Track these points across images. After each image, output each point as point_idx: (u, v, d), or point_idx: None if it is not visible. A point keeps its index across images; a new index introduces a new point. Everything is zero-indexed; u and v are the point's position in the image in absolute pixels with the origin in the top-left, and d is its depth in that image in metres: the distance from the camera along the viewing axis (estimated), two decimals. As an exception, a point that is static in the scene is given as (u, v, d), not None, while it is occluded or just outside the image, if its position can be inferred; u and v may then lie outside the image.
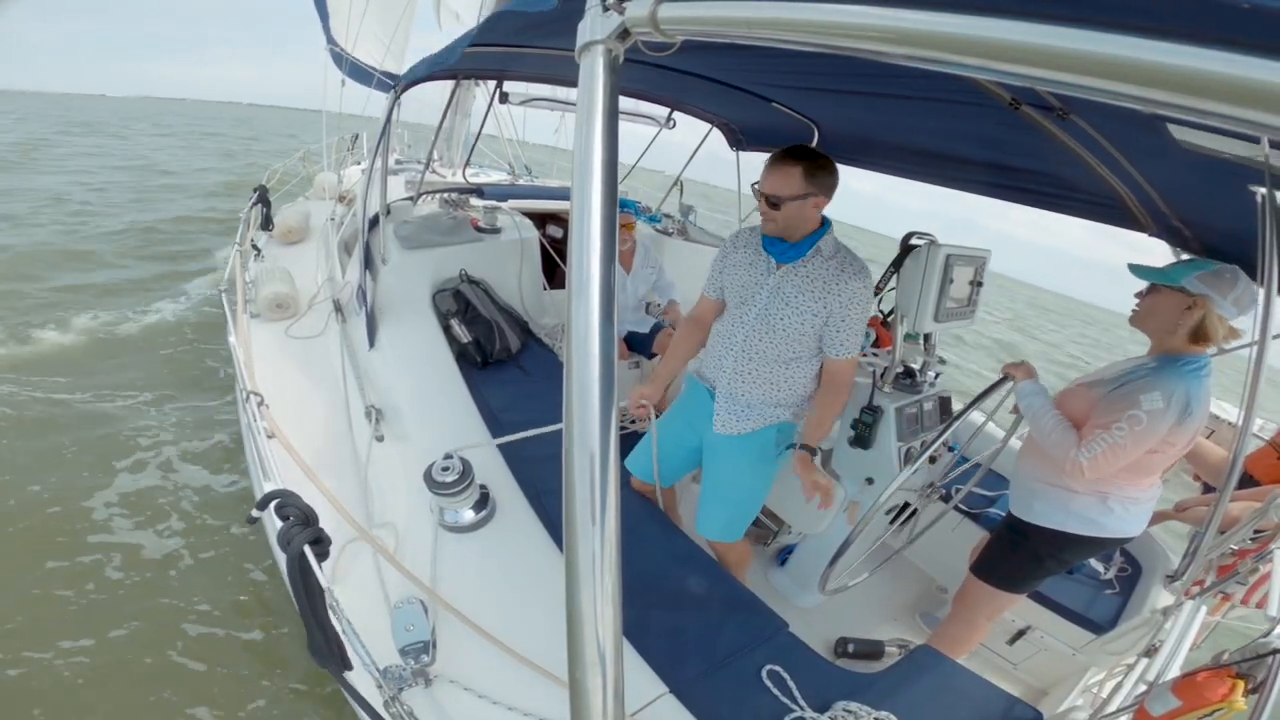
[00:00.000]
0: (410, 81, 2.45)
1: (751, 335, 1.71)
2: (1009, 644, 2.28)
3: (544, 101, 4.28)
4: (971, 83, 1.41)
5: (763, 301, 1.69)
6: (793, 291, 1.64)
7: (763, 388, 1.75)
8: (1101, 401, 1.60)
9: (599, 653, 0.63)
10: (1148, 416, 1.48)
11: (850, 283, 1.60)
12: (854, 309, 1.62)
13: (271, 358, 2.53)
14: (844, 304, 1.61)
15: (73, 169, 13.39)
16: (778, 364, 1.72)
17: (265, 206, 4.27)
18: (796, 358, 1.71)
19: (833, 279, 1.60)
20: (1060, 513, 1.73)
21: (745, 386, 1.76)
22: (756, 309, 1.70)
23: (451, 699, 1.26)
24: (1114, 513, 1.68)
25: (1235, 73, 0.34)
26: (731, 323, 1.77)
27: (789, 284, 1.65)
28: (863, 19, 0.50)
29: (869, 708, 1.31)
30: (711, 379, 1.84)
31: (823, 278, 1.61)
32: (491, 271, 2.93)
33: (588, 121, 0.68)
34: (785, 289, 1.65)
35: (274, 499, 1.30)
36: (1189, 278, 1.50)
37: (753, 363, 1.73)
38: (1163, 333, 1.58)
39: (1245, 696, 1.07)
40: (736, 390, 1.77)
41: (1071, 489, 1.70)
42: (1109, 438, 1.51)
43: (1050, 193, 2.13)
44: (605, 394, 0.65)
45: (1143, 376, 1.55)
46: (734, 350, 1.75)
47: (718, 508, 1.91)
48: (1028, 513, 1.80)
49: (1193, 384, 1.49)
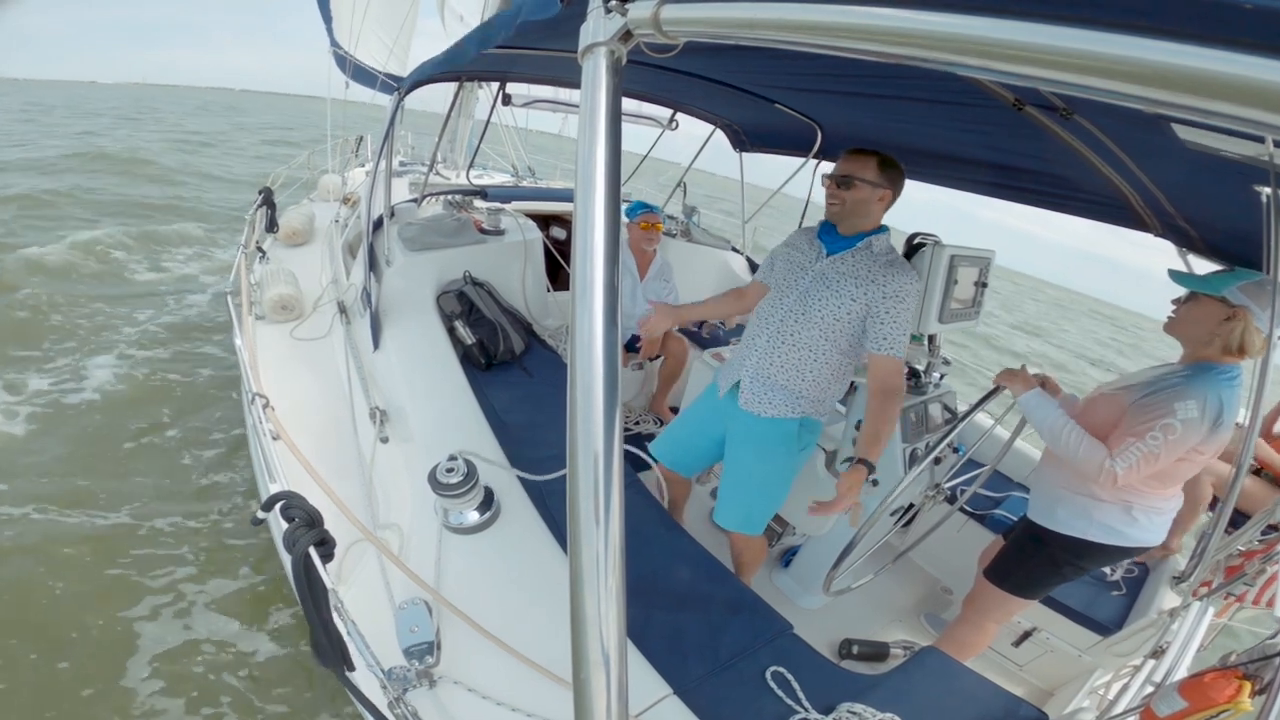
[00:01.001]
0: (414, 83, 2.46)
1: (789, 316, 1.74)
2: (1015, 645, 2.27)
3: (547, 103, 4.30)
4: (974, 83, 1.41)
5: (805, 284, 1.72)
6: (836, 277, 1.67)
7: (789, 373, 1.76)
8: (1132, 407, 1.57)
9: (603, 653, 0.63)
10: (1182, 426, 1.46)
11: (897, 278, 1.62)
12: (899, 304, 1.62)
13: (276, 359, 2.54)
14: (887, 297, 1.62)
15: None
16: (808, 350, 1.73)
17: (270, 208, 4.28)
18: (828, 349, 1.72)
19: (879, 273, 1.63)
20: (1083, 521, 1.70)
21: (773, 369, 1.78)
22: (798, 291, 1.73)
23: (455, 700, 1.26)
24: (1138, 522, 1.66)
25: (1239, 72, 0.34)
26: (771, 304, 1.81)
27: (834, 270, 1.68)
28: (865, 20, 0.50)
29: (874, 710, 1.30)
30: (740, 362, 1.87)
31: (869, 270, 1.64)
32: (495, 273, 2.94)
33: (591, 123, 0.68)
34: (830, 275, 1.68)
35: (279, 501, 1.31)
36: (1230, 288, 1.48)
37: (785, 345, 1.75)
38: (1198, 342, 1.56)
39: (1252, 697, 1.06)
40: (764, 369, 1.79)
41: (1097, 497, 1.67)
42: (1143, 446, 1.49)
43: (1054, 193, 2.12)
44: (609, 395, 0.65)
45: (1176, 385, 1.53)
46: (769, 329, 1.78)
47: (738, 495, 1.92)
48: (1049, 520, 1.77)
49: (1226, 393, 1.48)
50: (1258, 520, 1.78)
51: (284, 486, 1.43)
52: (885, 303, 1.62)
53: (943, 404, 2.19)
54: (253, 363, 2.26)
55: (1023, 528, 1.91)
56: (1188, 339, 1.59)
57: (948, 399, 2.22)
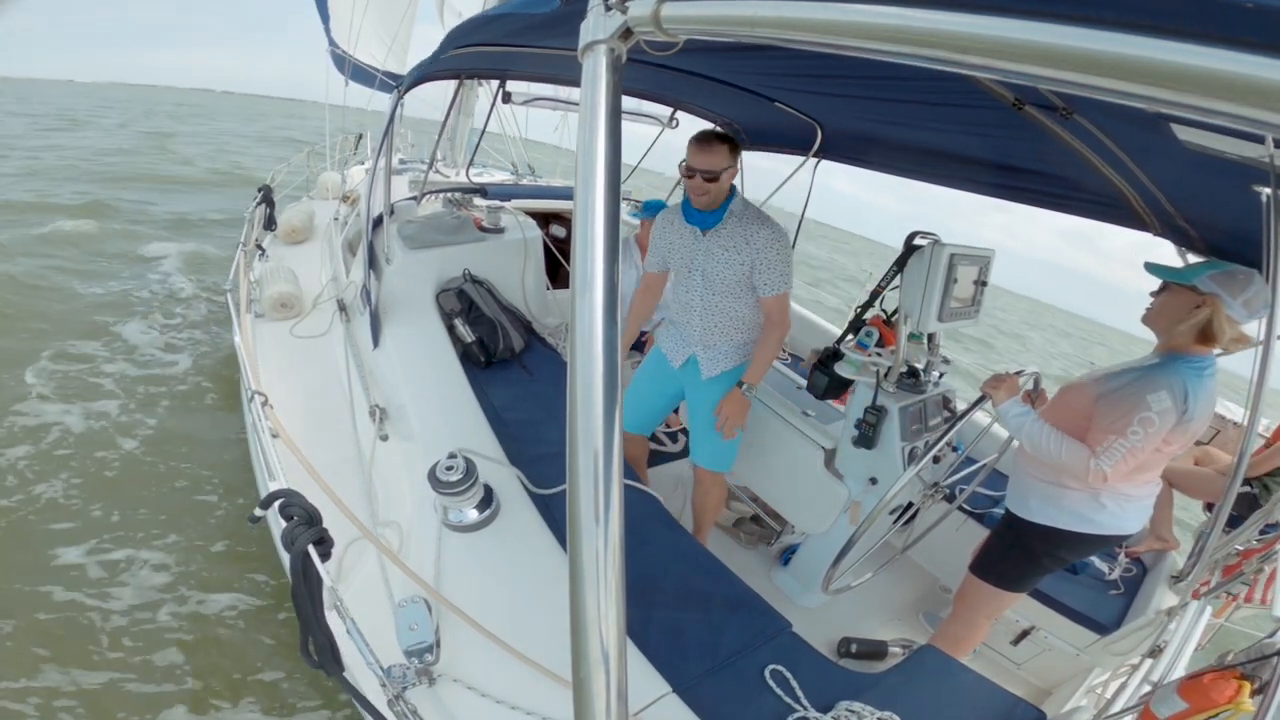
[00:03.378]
0: (413, 81, 2.46)
1: (705, 295, 2.02)
2: (1013, 644, 2.27)
3: (547, 101, 4.29)
4: (975, 83, 1.41)
5: (700, 265, 2.00)
6: (718, 250, 1.95)
7: (728, 332, 2.07)
8: (1101, 400, 1.59)
9: (602, 652, 0.63)
10: (1159, 417, 1.48)
11: (760, 231, 1.90)
12: (770, 251, 1.90)
13: (276, 357, 2.54)
14: (759, 249, 1.89)
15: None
16: (728, 313, 2.03)
17: (269, 206, 4.27)
18: (740, 305, 2.02)
19: (749, 232, 1.91)
20: (1053, 509, 1.73)
21: (714, 336, 2.08)
22: (699, 273, 2.01)
23: (455, 698, 1.26)
24: (1106, 509, 1.68)
25: (1239, 71, 0.34)
26: (685, 290, 2.08)
27: (716, 245, 1.95)
28: (866, 18, 0.50)
29: (872, 708, 1.31)
30: (683, 339, 2.16)
31: (741, 233, 1.91)
32: (495, 271, 2.94)
33: (591, 121, 0.68)
34: (713, 249, 1.95)
35: (278, 499, 1.30)
36: (1201, 276, 1.50)
37: (713, 316, 2.04)
38: (1169, 330, 1.58)
39: (1251, 698, 1.06)
40: (709, 340, 2.09)
41: (1064, 485, 1.70)
42: (1126, 443, 1.50)
43: (1054, 192, 2.12)
44: (608, 393, 0.65)
45: (1144, 375, 1.55)
46: (696, 311, 2.07)
47: (708, 436, 2.19)
48: (1024, 509, 1.80)
49: (1192, 381, 1.49)
50: (1256, 519, 1.79)
51: (283, 484, 1.43)
52: (762, 255, 1.90)
53: (942, 403, 2.19)
54: (252, 361, 2.25)
55: (1003, 520, 1.93)
56: (1161, 329, 1.61)
57: (947, 397, 2.23)
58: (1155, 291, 1.63)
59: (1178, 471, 2.46)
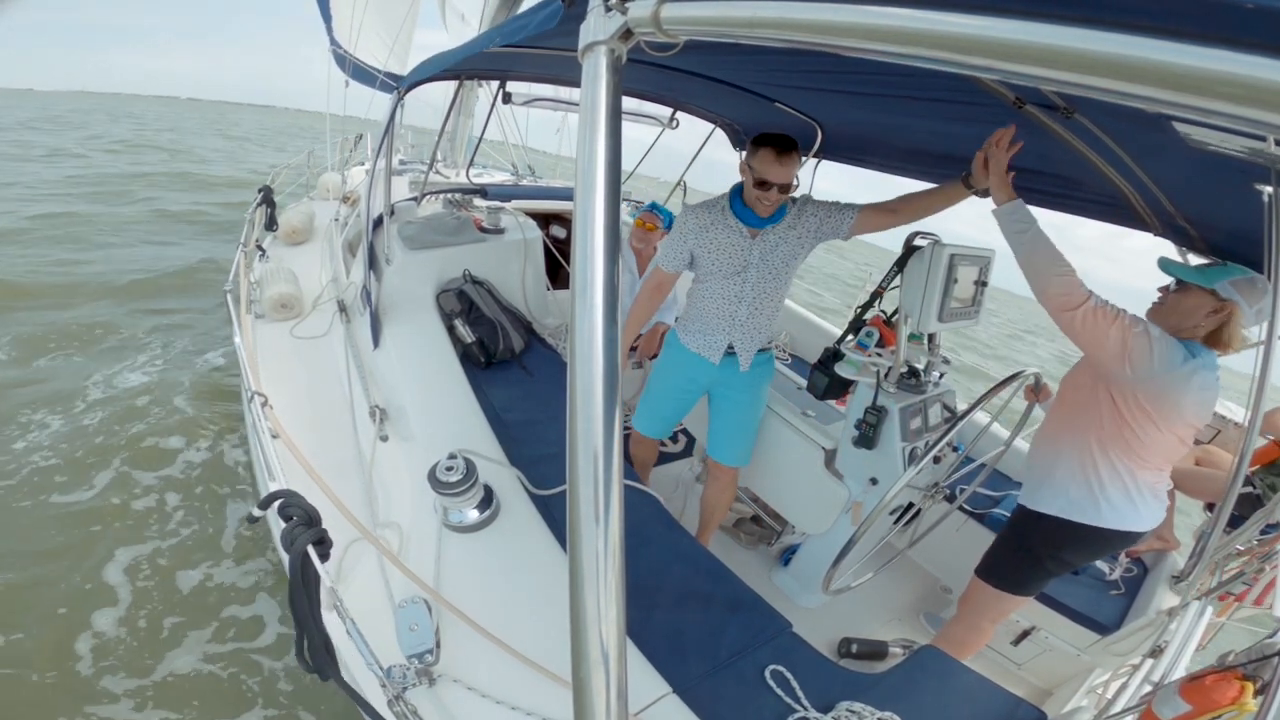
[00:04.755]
0: (414, 83, 2.46)
1: (759, 292, 2.00)
2: (1014, 644, 2.27)
3: (547, 102, 4.29)
4: (975, 82, 1.41)
5: (756, 263, 1.95)
6: (779, 243, 1.94)
7: (769, 322, 2.09)
8: None
9: (602, 652, 0.63)
10: (1146, 333, 1.50)
11: (807, 206, 1.95)
12: (816, 207, 1.94)
13: (276, 358, 2.54)
14: (810, 214, 1.93)
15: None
16: (780, 295, 2.05)
17: (270, 207, 4.28)
18: (789, 284, 2.06)
19: (806, 216, 1.94)
20: (1061, 499, 1.73)
21: (756, 329, 2.07)
22: (754, 271, 1.97)
23: (455, 699, 1.26)
24: (1110, 499, 1.67)
25: (1240, 72, 0.34)
26: (731, 289, 2.01)
27: (774, 238, 1.94)
28: (866, 19, 0.50)
29: (873, 708, 1.30)
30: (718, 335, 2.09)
31: (801, 222, 1.94)
32: (495, 272, 2.94)
33: (591, 121, 0.68)
34: (774, 243, 1.94)
35: (277, 499, 1.30)
36: (1222, 282, 1.50)
37: (763, 312, 2.05)
38: (1180, 329, 1.57)
39: (1254, 698, 1.06)
40: (750, 332, 2.07)
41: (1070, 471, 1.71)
42: (1106, 307, 1.50)
43: (1055, 192, 2.12)
44: (608, 393, 0.65)
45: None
46: (744, 309, 2.03)
47: (742, 435, 2.24)
48: (1032, 500, 1.81)
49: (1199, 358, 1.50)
50: (1257, 519, 1.78)
51: (283, 485, 1.43)
52: (817, 214, 1.93)
53: (942, 403, 2.19)
54: (252, 361, 2.25)
55: (1010, 519, 1.93)
56: (1171, 326, 1.61)
57: (947, 398, 2.22)
58: (1167, 288, 1.62)
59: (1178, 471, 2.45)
